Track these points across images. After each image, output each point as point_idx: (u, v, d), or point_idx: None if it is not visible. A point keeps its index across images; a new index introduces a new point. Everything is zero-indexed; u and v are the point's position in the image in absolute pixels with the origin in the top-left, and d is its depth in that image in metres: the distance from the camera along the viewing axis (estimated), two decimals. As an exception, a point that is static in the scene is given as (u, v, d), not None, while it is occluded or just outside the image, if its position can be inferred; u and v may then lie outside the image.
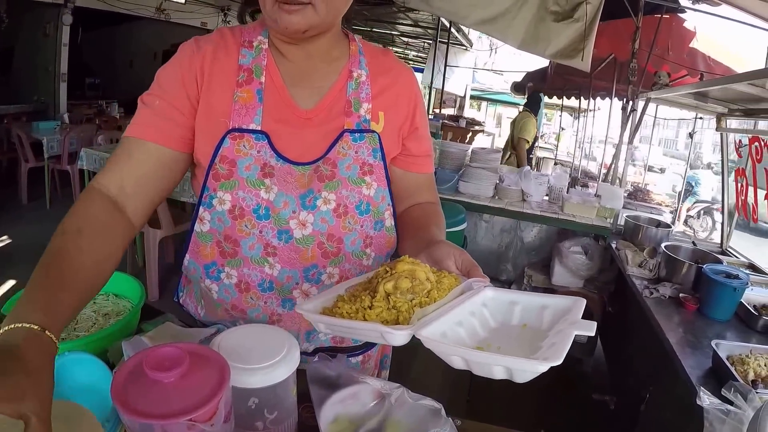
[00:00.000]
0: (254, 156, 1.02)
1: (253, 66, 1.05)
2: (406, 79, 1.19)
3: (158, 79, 1.05)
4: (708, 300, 2.37)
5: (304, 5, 0.93)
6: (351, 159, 1.08)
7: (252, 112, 1.03)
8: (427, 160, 1.26)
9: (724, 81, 2.51)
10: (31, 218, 6.12)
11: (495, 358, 0.73)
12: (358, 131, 1.09)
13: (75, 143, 6.31)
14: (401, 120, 1.17)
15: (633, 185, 6.42)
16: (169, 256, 4.99)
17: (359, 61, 1.14)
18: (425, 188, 1.27)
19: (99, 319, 1.20)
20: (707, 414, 1.09)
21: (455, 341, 0.82)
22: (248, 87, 1.04)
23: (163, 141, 1.01)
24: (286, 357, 0.80)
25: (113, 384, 0.66)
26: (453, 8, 4.26)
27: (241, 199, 1.03)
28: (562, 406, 3.34)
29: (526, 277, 4.18)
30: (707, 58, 5.43)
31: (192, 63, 1.04)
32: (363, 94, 1.11)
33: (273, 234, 1.05)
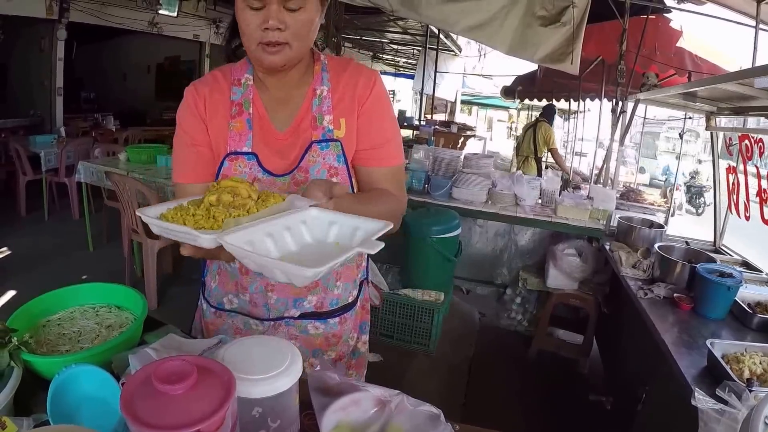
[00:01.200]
0: (247, 172, 1.28)
1: (243, 100, 1.30)
2: (358, 80, 1.34)
3: (181, 128, 1.33)
4: (702, 299, 2.37)
5: (282, 45, 1.16)
6: (320, 165, 1.29)
7: (244, 138, 1.29)
8: (379, 153, 1.36)
9: (713, 81, 2.52)
10: (29, 230, 6.19)
11: (274, 263, 0.84)
12: (324, 141, 1.30)
13: (72, 156, 6.39)
14: (354, 116, 1.34)
15: (625, 186, 6.46)
16: (167, 267, 4.99)
17: (321, 78, 1.33)
18: (384, 180, 1.37)
19: (102, 331, 1.22)
20: (702, 414, 1.10)
21: (261, 250, 0.91)
22: (240, 118, 1.29)
23: (198, 180, 1.32)
24: (289, 367, 0.82)
25: (122, 397, 0.67)
26: (441, 16, 4.28)
27: None
28: (558, 407, 3.36)
29: (520, 280, 4.20)
30: (694, 57, 5.47)
31: (197, 104, 1.30)
32: (325, 107, 1.31)
33: None
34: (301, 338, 1.41)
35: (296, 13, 1.13)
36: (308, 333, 1.41)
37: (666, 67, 5.35)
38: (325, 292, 1.39)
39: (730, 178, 3.03)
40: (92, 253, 5.48)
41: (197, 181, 1.31)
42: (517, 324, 4.33)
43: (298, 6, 1.13)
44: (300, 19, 1.14)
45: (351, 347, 1.53)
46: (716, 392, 1.16)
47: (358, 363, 1.57)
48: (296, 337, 1.40)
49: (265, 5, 1.11)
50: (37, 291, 1.28)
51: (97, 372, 0.97)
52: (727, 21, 4.91)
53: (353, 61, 1.40)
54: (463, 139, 10.00)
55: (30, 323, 1.20)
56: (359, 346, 1.56)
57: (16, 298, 4.22)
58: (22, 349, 1.04)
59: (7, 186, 7.35)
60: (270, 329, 1.40)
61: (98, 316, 1.28)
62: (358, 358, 1.57)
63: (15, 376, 0.98)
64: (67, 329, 1.23)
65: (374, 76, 1.36)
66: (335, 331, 1.44)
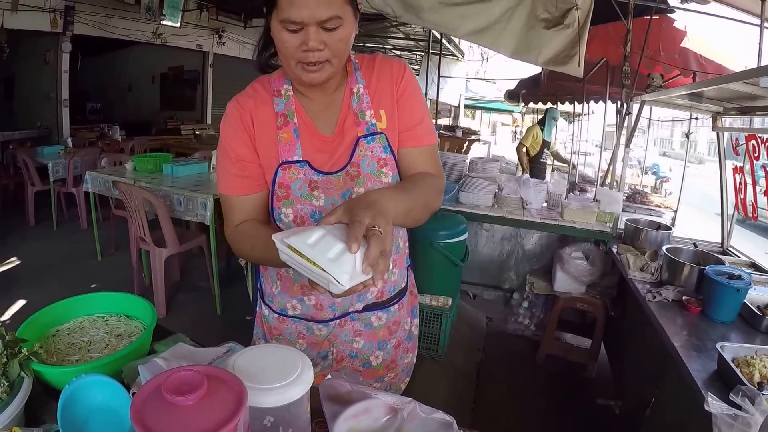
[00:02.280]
0: (301, 178, 1.30)
1: (286, 111, 1.33)
2: (389, 70, 1.38)
3: (224, 141, 1.34)
4: (711, 302, 2.34)
5: (323, 64, 1.18)
6: (369, 158, 1.33)
7: (293, 147, 1.31)
8: (413, 134, 1.39)
9: (720, 81, 2.50)
10: (38, 240, 6.26)
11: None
12: (369, 135, 1.34)
13: (79, 166, 6.49)
14: (393, 105, 1.38)
15: (630, 188, 6.44)
16: (175, 275, 5.05)
17: (355, 77, 1.37)
18: (421, 160, 1.41)
19: (112, 341, 1.22)
20: (715, 419, 1.10)
21: None
22: (286, 128, 1.32)
23: (244, 192, 1.35)
24: (301, 376, 0.82)
25: (133, 408, 0.67)
26: (444, 20, 4.28)
27: (300, 210, 1.31)
28: (566, 411, 3.34)
29: (528, 284, 4.18)
30: (699, 57, 5.44)
31: (242, 118, 1.32)
32: (364, 103, 1.35)
33: None
34: (365, 333, 1.47)
35: (334, 32, 1.14)
36: (372, 326, 1.47)
37: (670, 68, 5.32)
38: (383, 280, 1.40)
39: (737, 179, 3.01)
40: (101, 262, 5.52)
41: (243, 193, 1.34)
42: (524, 328, 4.31)
43: (336, 25, 1.13)
44: (338, 38, 1.16)
45: (407, 332, 1.60)
46: (730, 397, 1.16)
47: (413, 345, 1.67)
48: (361, 333, 1.47)
49: (303, 27, 1.11)
50: (47, 300, 1.29)
51: (107, 382, 0.97)
52: (731, 20, 4.89)
53: (380, 55, 1.43)
54: (468, 144, 10.00)
55: (40, 333, 1.21)
56: (413, 329, 1.64)
57: (25, 307, 4.25)
58: (32, 359, 1.04)
59: (16, 197, 7.44)
60: (336, 327, 1.45)
61: (108, 326, 1.29)
62: (413, 341, 1.66)
63: (25, 387, 0.98)
64: (76, 339, 1.23)
65: (403, 64, 1.41)
66: (396, 318, 1.51)
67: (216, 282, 4.39)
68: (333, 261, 0.89)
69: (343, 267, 0.89)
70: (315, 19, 1.09)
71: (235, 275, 4.80)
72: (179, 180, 4.77)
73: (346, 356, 1.48)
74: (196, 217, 4.23)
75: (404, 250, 1.53)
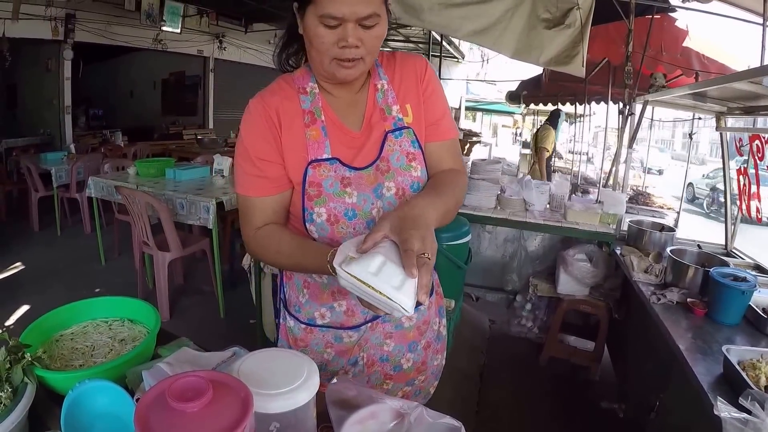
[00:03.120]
0: (332, 175, 1.28)
1: (313, 108, 1.31)
2: (413, 66, 1.40)
3: (245, 140, 1.31)
4: (716, 304, 2.33)
5: (358, 61, 1.18)
6: (398, 152, 1.33)
7: (322, 145, 1.29)
8: (437, 128, 1.41)
9: (723, 80, 2.48)
10: (42, 245, 6.28)
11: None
12: (397, 130, 1.34)
13: (82, 172, 6.51)
14: (420, 99, 1.39)
15: (633, 189, 6.43)
16: (178, 278, 5.07)
17: (378, 73, 1.37)
18: (447, 155, 1.43)
19: (115, 345, 1.22)
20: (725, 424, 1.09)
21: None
22: (314, 126, 1.30)
23: (264, 193, 1.32)
24: (306, 381, 0.82)
25: (137, 414, 0.67)
26: (444, 22, 4.28)
27: (333, 209, 1.28)
28: (570, 415, 3.33)
29: (531, 286, 4.17)
30: (701, 57, 5.42)
31: (268, 116, 1.29)
32: (390, 98, 1.36)
33: (363, 226, 1.30)
34: (396, 335, 1.46)
35: (371, 29, 1.15)
36: (403, 327, 1.46)
37: (673, 68, 5.31)
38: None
39: (741, 180, 3.00)
40: (104, 266, 5.53)
41: (263, 194, 1.32)
42: (527, 331, 4.30)
43: (374, 23, 1.14)
44: (374, 35, 1.16)
45: (435, 332, 1.58)
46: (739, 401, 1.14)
47: (442, 347, 1.64)
48: (391, 335, 1.45)
49: (342, 23, 1.11)
50: (51, 306, 1.28)
51: (111, 387, 0.96)
52: (733, 19, 4.88)
53: (399, 51, 1.45)
54: (469, 146, 10.02)
55: (43, 338, 1.21)
56: (441, 329, 1.62)
57: (29, 313, 4.25)
58: (35, 364, 1.04)
59: (20, 203, 7.48)
60: (367, 331, 1.43)
61: (111, 330, 1.28)
62: (441, 342, 1.63)
63: (29, 392, 0.98)
64: (80, 344, 1.23)
65: (424, 60, 1.42)
66: (425, 317, 1.50)
67: (219, 285, 4.41)
68: (398, 289, 0.92)
69: (407, 294, 0.92)
70: (355, 15, 1.10)
71: (238, 278, 4.80)
72: (181, 184, 4.79)
73: (376, 360, 1.46)
74: (199, 221, 4.25)
75: None
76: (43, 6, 8.11)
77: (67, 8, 8.51)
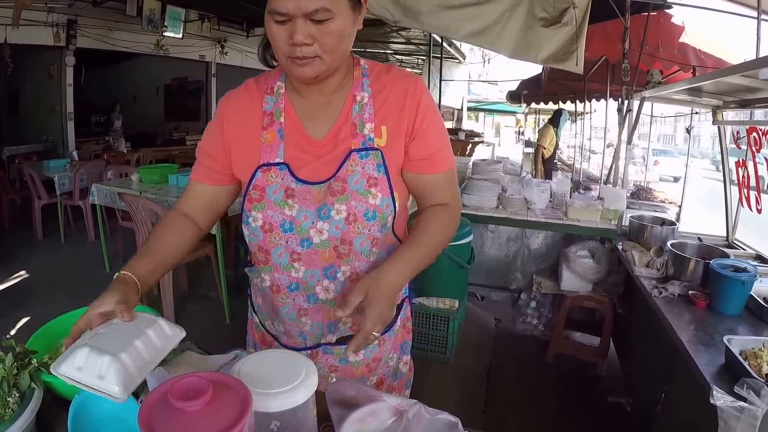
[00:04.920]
0: (278, 183, 1.23)
1: (274, 110, 1.27)
2: (404, 89, 1.28)
3: (205, 132, 1.36)
4: (717, 296, 2.34)
5: (312, 59, 1.11)
6: (359, 174, 1.22)
7: (276, 149, 1.24)
8: (432, 161, 1.31)
9: (716, 75, 2.50)
10: (46, 253, 6.25)
11: None
12: (364, 149, 1.24)
13: (85, 179, 6.51)
14: (403, 129, 1.27)
15: (635, 184, 6.42)
16: (183, 284, 5.07)
17: (361, 84, 1.28)
18: (438, 188, 1.34)
19: (120, 352, 1.23)
20: (721, 412, 1.10)
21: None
22: (271, 129, 1.26)
23: (207, 182, 1.36)
24: (305, 380, 0.83)
25: (140, 415, 0.69)
26: (443, 24, 4.28)
27: (270, 217, 1.23)
28: (578, 410, 3.33)
29: (534, 284, 4.18)
30: (698, 52, 5.43)
31: (222, 115, 1.31)
32: (366, 114, 1.25)
33: (297, 243, 1.24)
34: (341, 369, 1.37)
35: (323, 24, 1.07)
36: (348, 362, 1.36)
37: (670, 64, 5.32)
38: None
39: (740, 172, 3.01)
40: (109, 273, 5.47)
41: (204, 182, 1.37)
42: (533, 329, 4.31)
43: (324, 17, 1.06)
44: (328, 31, 1.08)
45: (392, 368, 1.47)
46: (735, 389, 1.15)
47: (399, 384, 1.53)
48: (336, 369, 1.37)
49: (291, 19, 1.05)
50: (56, 314, 1.29)
51: (116, 392, 0.97)
52: (728, 13, 4.88)
53: (395, 67, 1.36)
54: (472, 146, 10.01)
55: (49, 344, 1.22)
56: (400, 366, 1.51)
57: (34, 321, 4.22)
58: (42, 370, 1.05)
59: (23, 211, 7.44)
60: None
61: (116, 336, 1.29)
62: (399, 380, 1.52)
63: (36, 398, 0.99)
64: (85, 350, 1.24)
65: (421, 85, 1.30)
66: (375, 355, 1.39)
67: (224, 291, 4.41)
68: (102, 378, 0.89)
69: (113, 381, 0.89)
70: (301, 10, 1.03)
71: (243, 283, 4.80)
72: (184, 190, 4.73)
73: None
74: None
75: None
76: (45, 12, 8.15)
77: (69, 14, 8.54)
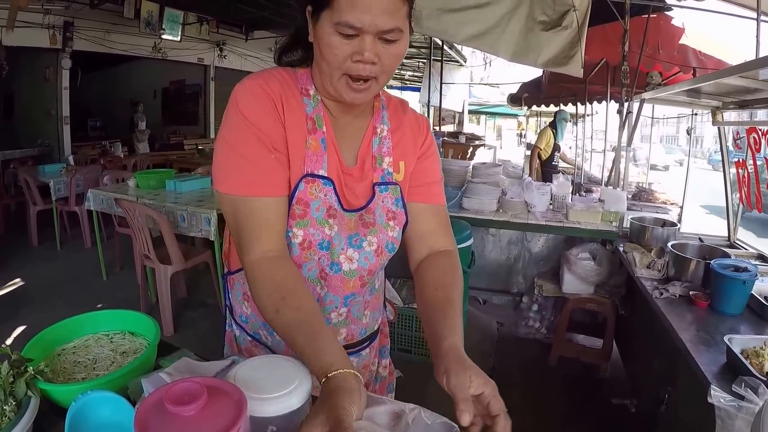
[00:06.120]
0: (322, 199, 1.13)
1: (315, 116, 1.14)
2: (415, 123, 1.31)
3: (250, 119, 1.07)
4: (718, 295, 2.34)
5: (371, 80, 1.04)
6: (381, 207, 1.21)
7: (320, 159, 1.13)
8: (433, 189, 1.31)
9: (714, 77, 2.51)
10: (42, 260, 6.16)
11: None
12: (384, 184, 1.22)
13: (81, 184, 6.41)
14: (413, 164, 1.29)
15: (637, 186, 6.42)
16: (181, 291, 5.01)
17: (381, 116, 1.25)
18: (435, 221, 1.31)
19: (117, 358, 1.22)
20: (719, 411, 1.10)
21: None
22: (314, 136, 1.13)
23: (276, 192, 1.09)
24: (300, 385, 0.84)
25: (136, 419, 0.69)
26: (442, 27, 4.29)
27: (311, 235, 1.12)
28: (582, 413, 3.32)
29: (536, 287, 4.17)
30: (698, 53, 5.45)
31: (274, 102, 1.10)
32: (385, 148, 1.23)
33: (327, 263, 1.17)
34: None
35: (391, 45, 1.01)
36: None
37: (670, 66, 5.34)
38: (354, 323, 1.30)
39: (740, 172, 3.01)
40: (106, 281, 5.46)
41: (275, 194, 1.09)
42: (535, 332, 4.30)
43: (395, 38, 1.00)
44: (393, 53, 1.02)
45: (373, 373, 1.48)
46: (732, 388, 1.15)
47: (380, 387, 1.53)
48: None
49: (360, 34, 0.97)
50: (53, 321, 1.28)
51: (112, 398, 0.97)
52: (727, 15, 4.89)
53: (406, 102, 1.37)
54: (472, 149, 10.03)
55: (45, 352, 1.21)
56: (380, 370, 1.51)
57: (30, 330, 4.17)
58: (38, 378, 1.04)
59: (18, 217, 7.39)
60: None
61: (113, 343, 1.29)
62: (380, 383, 1.53)
63: (33, 406, 0.98)
64: (82, 357, 1.23)
65: (427, 121, 1.36)
66: (365, 362, 1.40)
67: (223, 298, 4.32)
68: None
69: None
70: (376, 28, 0.96)
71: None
72: (182, 196, 4.73)
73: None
74: (200, 233, 4.19)
75: (380, 290, 1.40)
76: (41, 14, 8.09)
77: (66, 16, 8.47)
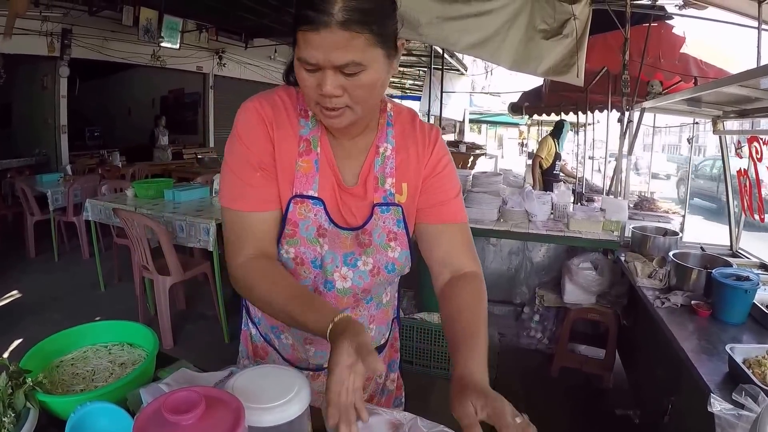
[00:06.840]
0: (311, 219, 1.17)
1: (311, 137, 1.18)
2: (421, 137, 1.28)
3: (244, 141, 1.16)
4: (720, 305, 2.34)
5: (342, 110, 1.05)
6: (380, 228, 1.22)
7: (311, 180, 1.17)
8: (451, 205, 1.28)
9: (714, 86, 2.51)
10: (40, 272, 6.09)
11: None
12: (385, 204, 1.22)
13: (79, 194, 6.34)
14: (420, 180, 1.27)
15: (639, 195, 6.41)
16: (180, 303, 4.98)
17: (386, 134, 1.25)
18: (458, 240, 1.27)
19: (116, 369, 1.22)
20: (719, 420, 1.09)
21: None
22: (307, 157, 1.17)
23: (262, 208, 1.16)
24: (298, 394, 0.84)
25: (135, 428, 0.69)
26: (442, 35, 4.29)
27: (302, 253, 1.18)
28: (586, 424, 3.30)
29: (537, 297, 4.15)
30: (699, 62, 5.46)
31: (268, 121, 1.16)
32: (387, 168, 1.23)
33: (321, 282, 1.21)
34: None
35: (354, 77, 1.00)
36: None
37: (671, 75, 5.35)
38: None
39: (742, 181, 3.00)
40: (104, 292, 5.40)
41: (265, 209, 1.16)
42: (537, 342, 4.28)
43: (354, 71, 0.98)
44: (359, 84, 1.01)
45: (380, 385, 1.48)
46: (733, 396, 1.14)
47: (387, 401, 1.53)
48: None
49: (320, 68, 0.99)
50: (51, 333, 1.27)
51: (111, 409, 0.96)
52: (729, 24, 4.90)
53: (417, 117, 1.33)
54: (473, 158, 10.03)
55: (43, 364, 1.21)
56: (387, 384, 1.52)
57: (28, 340, 4.13)
58: (37, 389, 1.04)
59: (15, 227, 7.32)
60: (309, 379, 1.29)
61: (111, 354, 1.28)
62: (387, 396, 1.53)
63: (32, 418, 0.98)
64: (80, 369, 1.23)
65: (437, 131, 1.32)
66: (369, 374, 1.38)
67: (222, 309, 4.30)
68: None
69: None
70: (330, 63, 0.97)
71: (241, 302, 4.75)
72: (181, 206, 4.68)
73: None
74: (199, 243, 4.14)
75: (388, 305, 1.41)
76: (39, 21, 8.06)
77: (64, 23, 8.44)
